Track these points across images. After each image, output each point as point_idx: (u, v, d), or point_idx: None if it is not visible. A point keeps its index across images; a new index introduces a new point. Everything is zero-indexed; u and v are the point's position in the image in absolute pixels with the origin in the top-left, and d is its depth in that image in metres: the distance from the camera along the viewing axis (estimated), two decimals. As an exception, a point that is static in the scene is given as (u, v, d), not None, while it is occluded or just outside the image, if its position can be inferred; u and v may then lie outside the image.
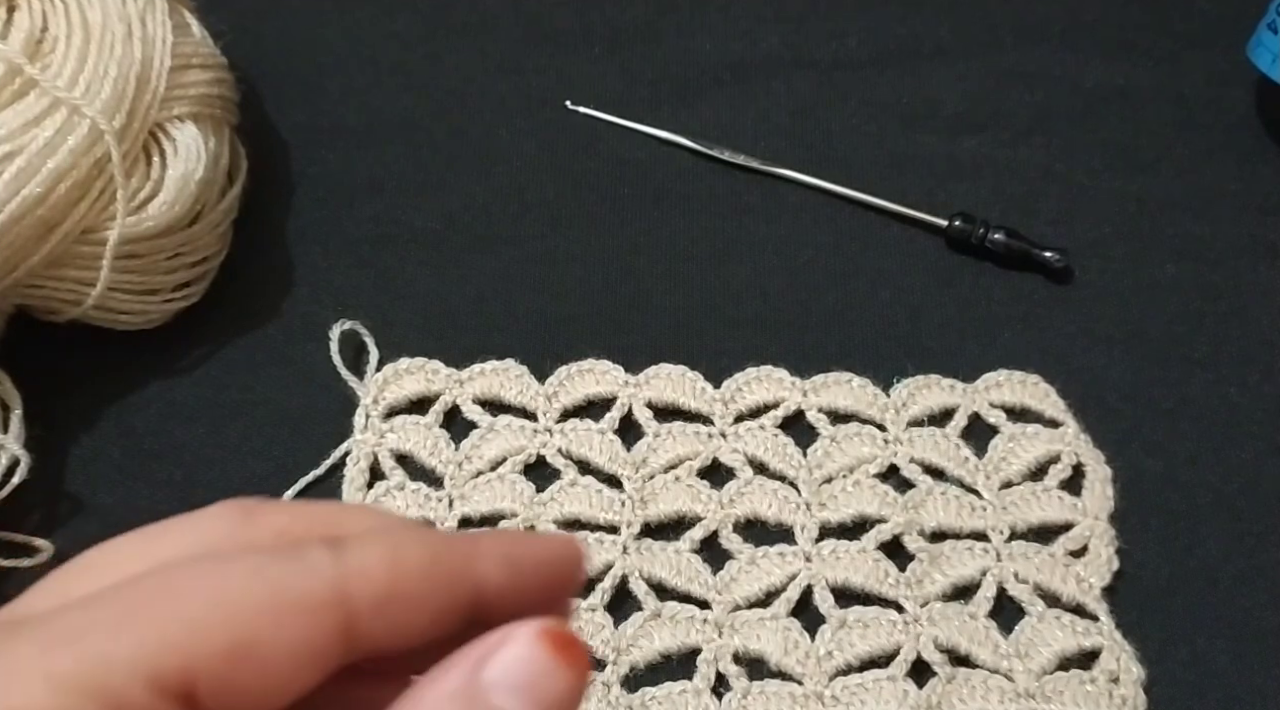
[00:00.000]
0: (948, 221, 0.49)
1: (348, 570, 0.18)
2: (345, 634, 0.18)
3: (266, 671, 0.17)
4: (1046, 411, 0.44)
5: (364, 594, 0.18)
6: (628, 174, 0.52)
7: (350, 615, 0.18)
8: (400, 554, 0.19)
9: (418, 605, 0.19)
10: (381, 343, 0.46)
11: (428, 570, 0.19)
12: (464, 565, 0.19)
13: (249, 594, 0.17)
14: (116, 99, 0.41)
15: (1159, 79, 0.54)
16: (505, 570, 0.20)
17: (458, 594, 0.19)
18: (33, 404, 0.41)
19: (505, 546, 0.20)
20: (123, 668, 0.16)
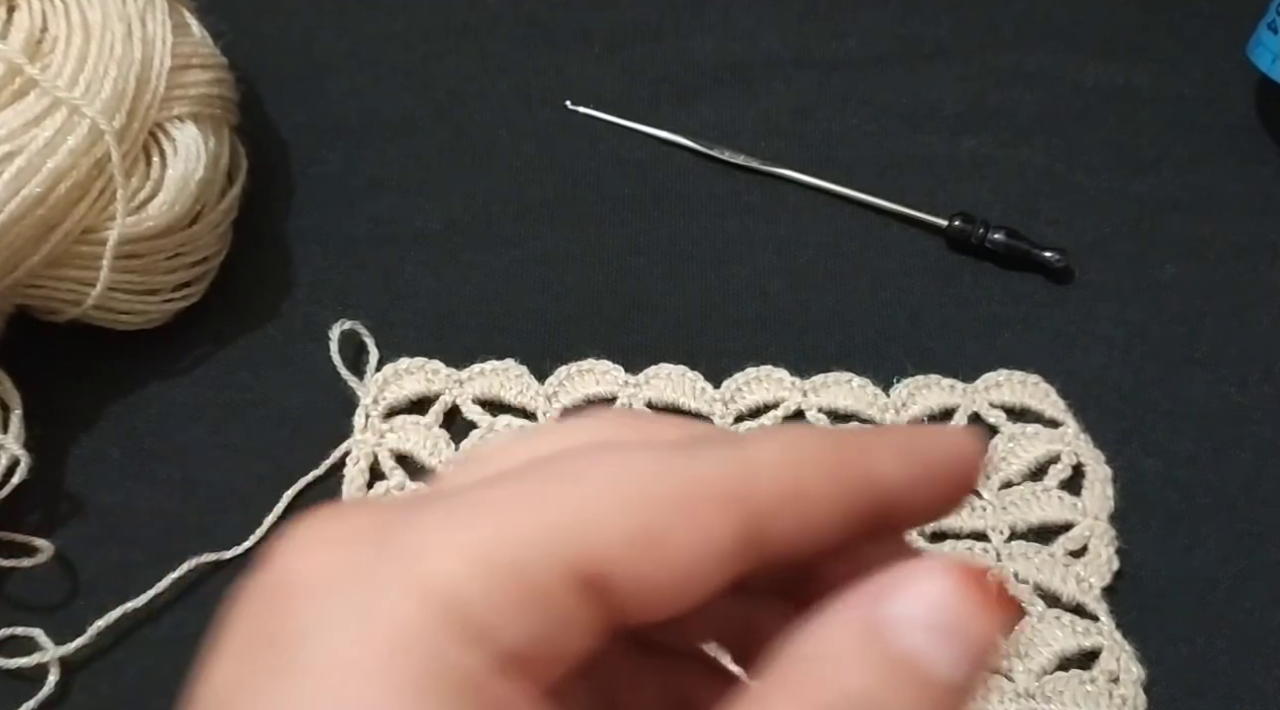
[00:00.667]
0: (948, 221, 0.49)
1: (751, 463, 0.17)
2: (749, 531, 0.17)
3: (674, 565, 0.16)
4: (1046, 411, 0.44)
5: (768, 488, 0.17)
6: (628, 174, 0.52)
7: (754, 512, 0.17)
8: (801, 446, 0.18)
9: (820, 501, 0.17)
10: (381, 343, 0.46)
11: (829, 462, 0.18)
12: (863, 458, 0.18)
13: (657, 482, 0.16)
14: (116, 99, 0.41)
15: (1159, 79, 0.54)
16: (904, 465, 0.18)
17: (858, 490, 0.18)
18: (33, 404, 0.41)
19: (903, 439, 0.18)
20: (537, 549, 0.15)
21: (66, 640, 0.39)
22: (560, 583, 0.15)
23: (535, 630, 0.15)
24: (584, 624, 0.16)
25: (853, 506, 0.18)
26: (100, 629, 0.39)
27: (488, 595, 0.15)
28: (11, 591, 0.41)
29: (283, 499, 0.42)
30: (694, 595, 0.17)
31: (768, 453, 0.17)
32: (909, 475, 0.18)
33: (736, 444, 0.18)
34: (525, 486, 0.16)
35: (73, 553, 0.42)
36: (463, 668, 0.14)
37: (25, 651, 0.39)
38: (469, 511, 0.16)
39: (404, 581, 0.15)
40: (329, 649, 0.14)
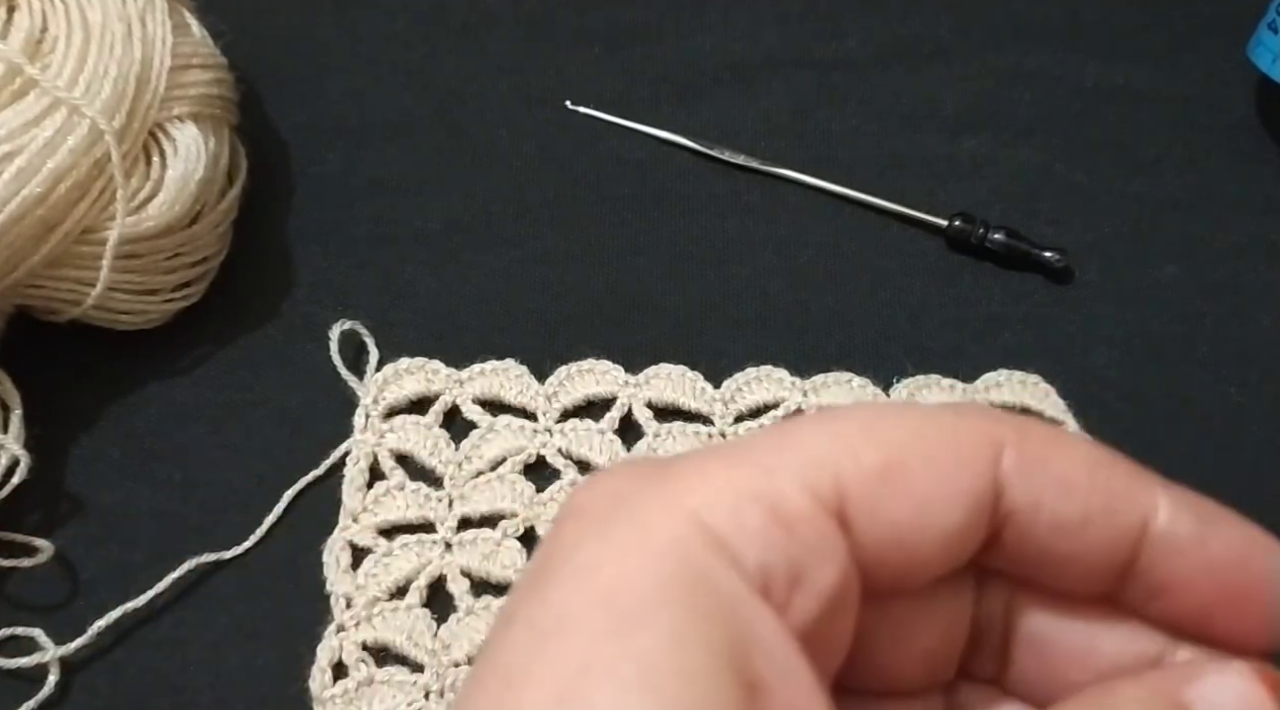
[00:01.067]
0: (948, 221, 0.49)
1: (1008, 425, 0.17)
2: (993, 488, 0.17)
3: (916, 497, 0.17)
4: (1046, 411, 0.44)
5: (1019, 452, 0.17)
6: (628, 174, 0.52)
7: (1003, 471, 0.17)
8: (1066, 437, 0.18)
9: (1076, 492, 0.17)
10: (381, 343, 0.46)
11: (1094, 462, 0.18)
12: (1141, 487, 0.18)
13: (903, 424, 0.17)
14: (116, 99, 0.41)
15: (1159, 79, 0.54)
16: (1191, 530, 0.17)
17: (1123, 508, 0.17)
18: (33, 404, 0.41)
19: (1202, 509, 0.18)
20: (784, 476, 0.17)
21: (66, 640, 0.39)
22: (806, 510, 0.16)
23: (780, 552, 0.16)
24: (829, 553, 0.17)
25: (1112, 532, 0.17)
26: (100, 629, 0.39)
27: (739, 518, 0.16)
28: (11, 591, 0.41)
29: (283, 499, 0.42)
30: (936, 543, 0.17)
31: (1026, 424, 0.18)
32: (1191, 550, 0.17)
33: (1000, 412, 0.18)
34: (781, 429, 0.18)
35: (73, 553, 0.42)
36: (714, 578, 0.16)
37: (25, 651, 0.39)
38: (729, 452, 0.17)
39: (669, 505, 0.16)
40: (600, 552, 0.16)
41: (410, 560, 0.41)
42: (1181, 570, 0.17)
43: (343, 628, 0.40)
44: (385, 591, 0.40)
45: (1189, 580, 0.17)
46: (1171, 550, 0.17)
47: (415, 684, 0.38)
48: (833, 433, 0.17)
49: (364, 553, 0.41)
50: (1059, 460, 0.17)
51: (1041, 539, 0.17)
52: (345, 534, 0.41)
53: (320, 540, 0.41)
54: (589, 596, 0.16)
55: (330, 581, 0.41)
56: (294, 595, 0.41)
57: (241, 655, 0.40)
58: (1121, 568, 0.17)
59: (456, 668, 0.39)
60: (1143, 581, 0.17)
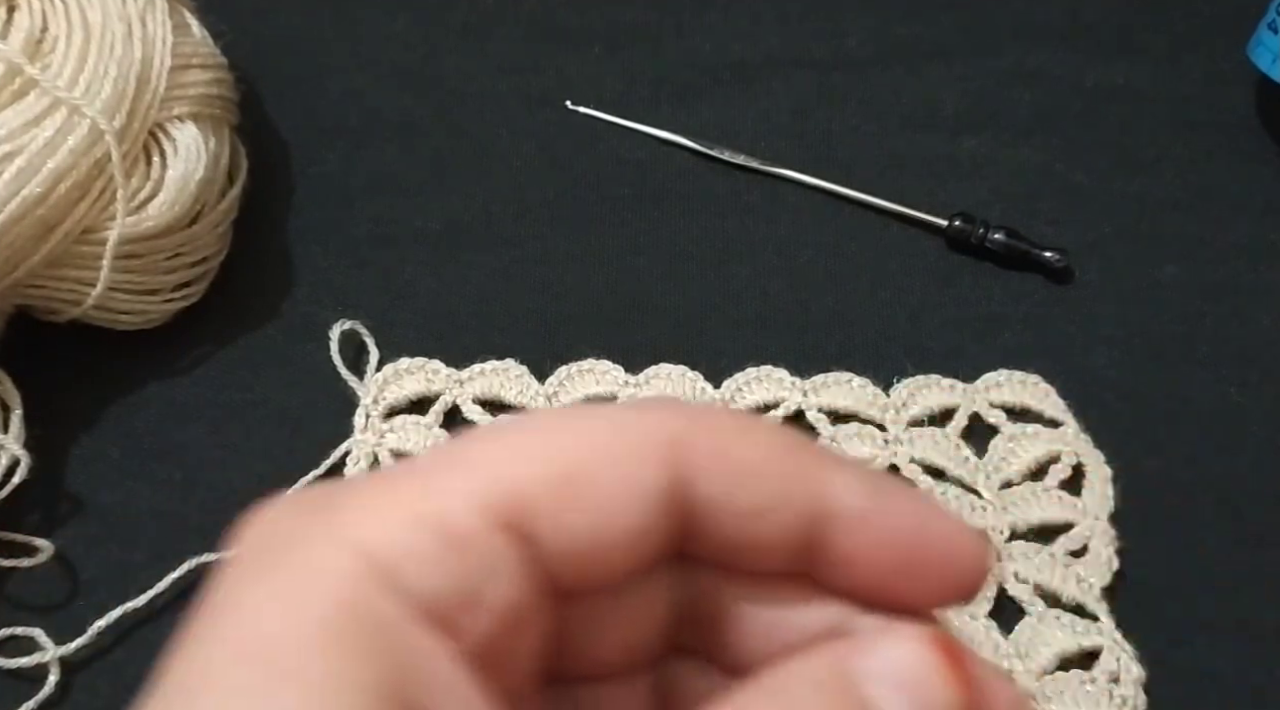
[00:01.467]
0: (948, 221, 0.49)
1: (688, 418, 0.17)
2: (677, 484, 0.17)
3: (596, 502, 0.17)
4: (1046, 411, 0.44)
5: (701, 445, 0.17)
6: (628, 174, 0.52)
7: (684, 464, 0.17)
8: (745, 423, 0.18)
9: (754, 480, 0.17)
10: (381, 343, 0.46)
11: (774, 449, 0.18)
12: (816, 468, 0.18)
13: (583, 432, 0.17)
14: (116, 99, 0.41)
15: (1159, 79, 0.54)
16: (864, 505, 0.18)
17: (802, 491, 0.17)
18: (33, 404, 0.41)
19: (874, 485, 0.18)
20: (454, 496, 0.16)
21: (66, 640, 0.39)
22: (479, 529, 0.16)
23: (452, 575, 0.16)
24: (505, 569, 0.16)
25: (790, 507, 0.17)
26: (100, 629, 0.39)
27: (408, 546, 0.16)
28: (11, 591, 0.41)
29: (283, 499, 0.42)
30: (622, 544, 0.17)
31: (711, 414, 0.18)
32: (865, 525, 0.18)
33: (683, 405, 0.18)
34: (453, 447, 0.17)
35: (73, 553, 0.42)
36: (377, 612, 0.15)
37: (25, 651, 0.39)
38: (397, 477, 0.17)
39: (331, 539, 0.16)
40: (254, 600, 0.15)
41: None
42: (859, 543, 0.18)
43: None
44: (385, 591, 0.40)
45: (866, 552, 0.18)
46: (849, 525, 0.18)
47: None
48: (507, 446, 0.17)
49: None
50: (739, 449, 0.17)
51: (727, 526, 0.18)
52: (345, 534, 0.41)
53: (320, 540, 0.41)
54: (237, 651, 0.15)
55: (330, 581, 0.40)
56: (294, 595, 0.41)
57: (241, 655, 0.40)
58: (805, 546, 0.18)
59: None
60: (827, 557, 0.18)
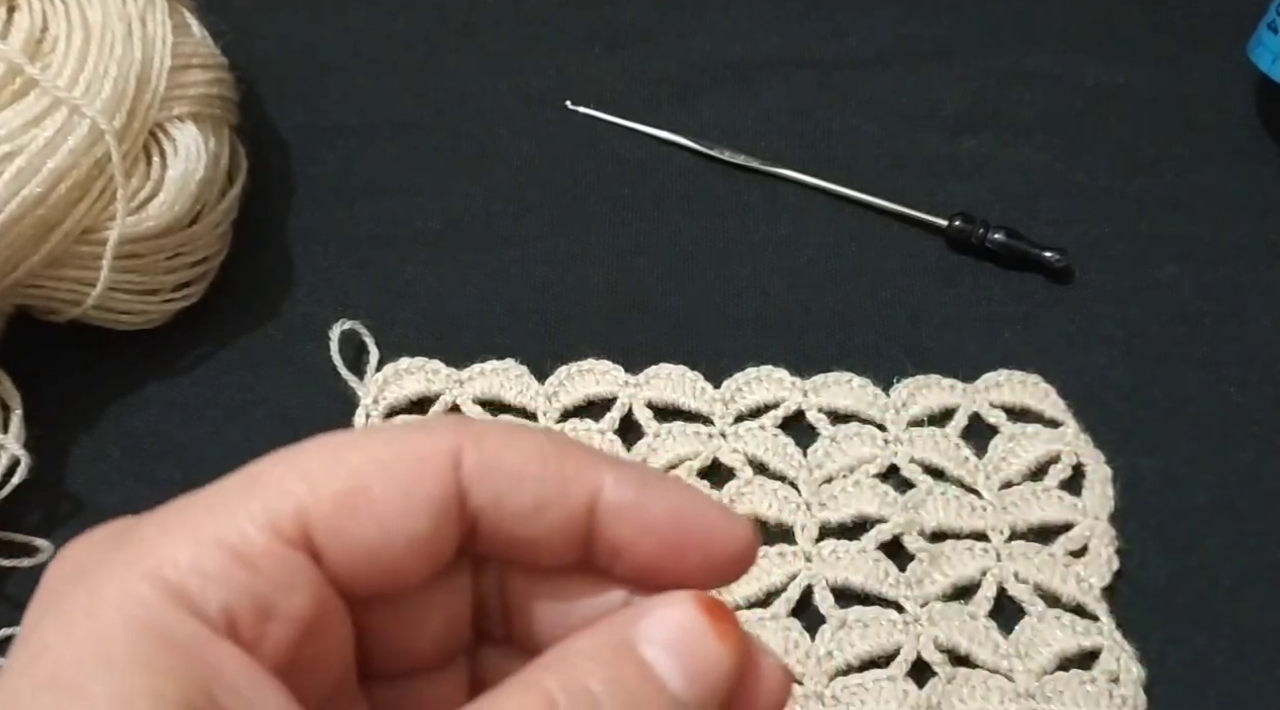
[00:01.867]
0: (948, 221, 0.49)
1: (464, 433, 0.19)
2: (455, 493, 0.18)
3: (377, 516, 0.18)
4: (1046, 411, 0.44)
5: (476, 456, 0.19)
6: (628, 174, 0.52)
7: (461, 476, 0.19)
8: (519, 433, 0.19)
9: (528, 482, 0.19)
10: (381, 343, 0.46)
11: (544, 453, 0.19)
12: (585, 467, 0.19)
13: (364, 449, 0.19)
14: (116, 99, 0.41)
15: (1159, 79, 0.54)
16: (630, 497, 0.19)
17: (573, 490, 0.19)
18: (33, 404, 0.41)
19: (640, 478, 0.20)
20: (245, 517, 0.18)
21: (66, 640, 0.39)
22: (269, 547, 0.17)
23: (244, 591, 0.17)
24: (297, 582, 0.18)
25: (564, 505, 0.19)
26: (100, 629, 0.39)
27: (199, 566, 0.17)
28: (11, 591, 0.41)
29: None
30: (409, 552, 0.18)
31: (486, 427, 0.19)
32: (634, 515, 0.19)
33: (462, 420, 0.20)
34: (246, 472, 0.19)
35: (73, 553, 0.42)
36: (172, 629, 0.16)
37: (25, 651, 0.39)
38: (191, 504, 0.18)
39: (127, 566, 0.17)
40: (52, 630, 0.16)
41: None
42: (629, 532, 0.19)
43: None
44: (385, 591, 0.40)
45: (634, 539, 0.19)
46: (618, 517, 0.19)
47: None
48: (294, 468, 0.19)
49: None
50: (512, 456, 0.19)
51: (508, 527, 0.19)
52: (345, 534, 0.41)
53: (320, 540, 0.41)
54: (36, 680, 0.16)
55: (330, 581, 0.41)
56: (294, 595, 0.41)
57: (241, 655, 0.40)
58: (582, 539, 0.19)
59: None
60: (603, 547, 0.19)
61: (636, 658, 0.18)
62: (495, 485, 0.19)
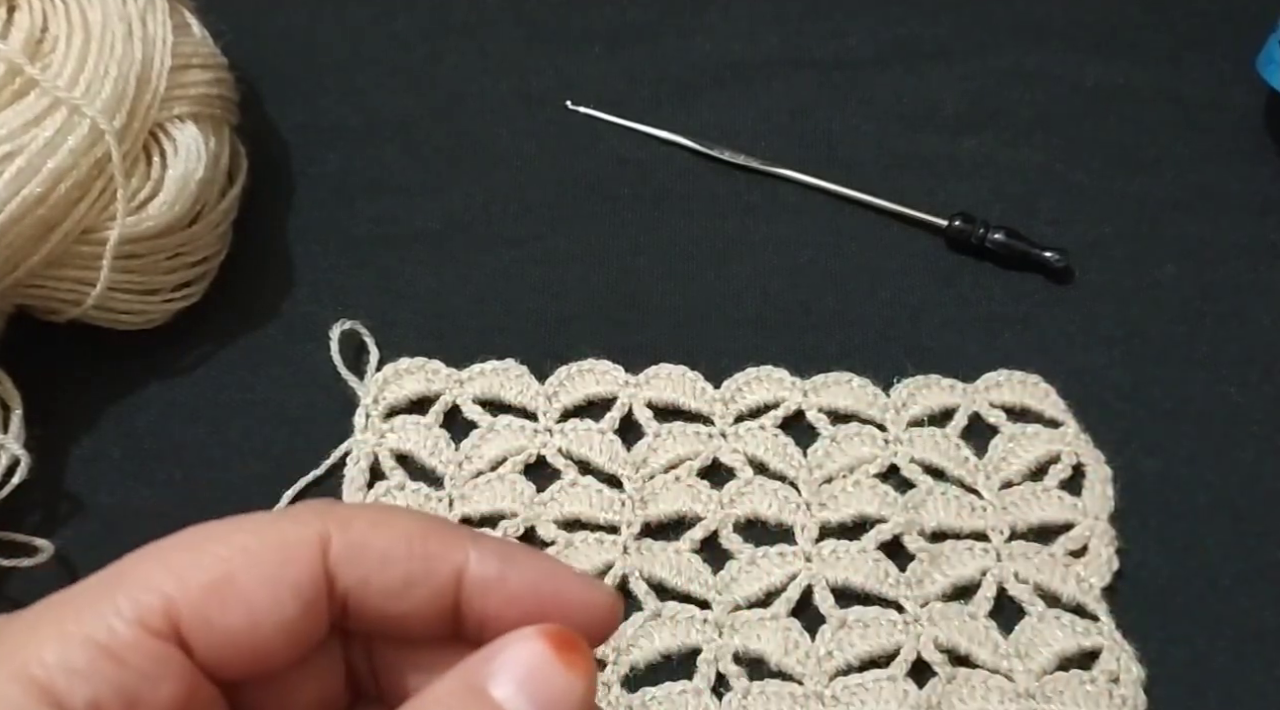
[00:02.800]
0: (948, 221, 0.49)
1: (330, 518, 0.20)
2: (323, 578, 0.19)
3: (244, 604, 0.19)
4: (1046, 411, 0.44)
5: (342, 540, 0.20)
6: (628, 174, 0.52)
7: (328, 560, 0.19)
8: (385, 515, 0.20)
9: (395, 563, 0.20)
10: (381, 343, 0.46)
11: (410, 533, 0.20)
12: (452, 541, 0.20)
13: (229, 540, 0.19)
14: (116, 99, 0.41)
15: (1159, 79, 0.54)
16: (494, 572, 0.20)
17: (439, 568, 0.20)
18: (33, 404, 0.41)
19: (504, 553, 0.20)
20: (110, 613, 0.18)
21: (66, 640, 0.39)
22: (135, 639, 0.18)
23: (110, 684, 0.18)
24: (165, 671, 0.18)
25: (431, 580, 0.20)
26: (100, 629, 0.39)
27: (65, 663, 0.18)
28: (11, 591, 0.41)
29: (283, 499, 0.42)
30: (278, 636, 0.19)
31: (351, 513, 0.20)
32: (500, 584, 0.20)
33: (329, 507, 0.20)
34: (115, 568, 0.20)
35: (73, 553, 0.42)
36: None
37: (25, 651, 0.39)
38: (61, 603, 0.19)
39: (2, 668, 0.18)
40: None
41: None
42: (494, 605, 0.20)
43: (343, 628, 0.40)
44: (385, 591, 0.40)
45: (500, 612, 0.20)
46: (483, 591, 0.20)
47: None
48: (160, 562, 0.19)
49: (364, 553, 0.41)
50: (379, 539, 0.20)
51: (378, 605, 0.20)
52: (345, 534, 0.41)
53: (320, 540, 0.41)
54: None
55: (330, 581, 0.41)
56: (294, 595, 0.41)
57: (241, 655, 0.40)
58: (450, 613, 0.20)
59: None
60: (471, 619, 0.21)
61: (488, 700, 0.18)
62: (362, 567, 0.20)
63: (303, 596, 0.19)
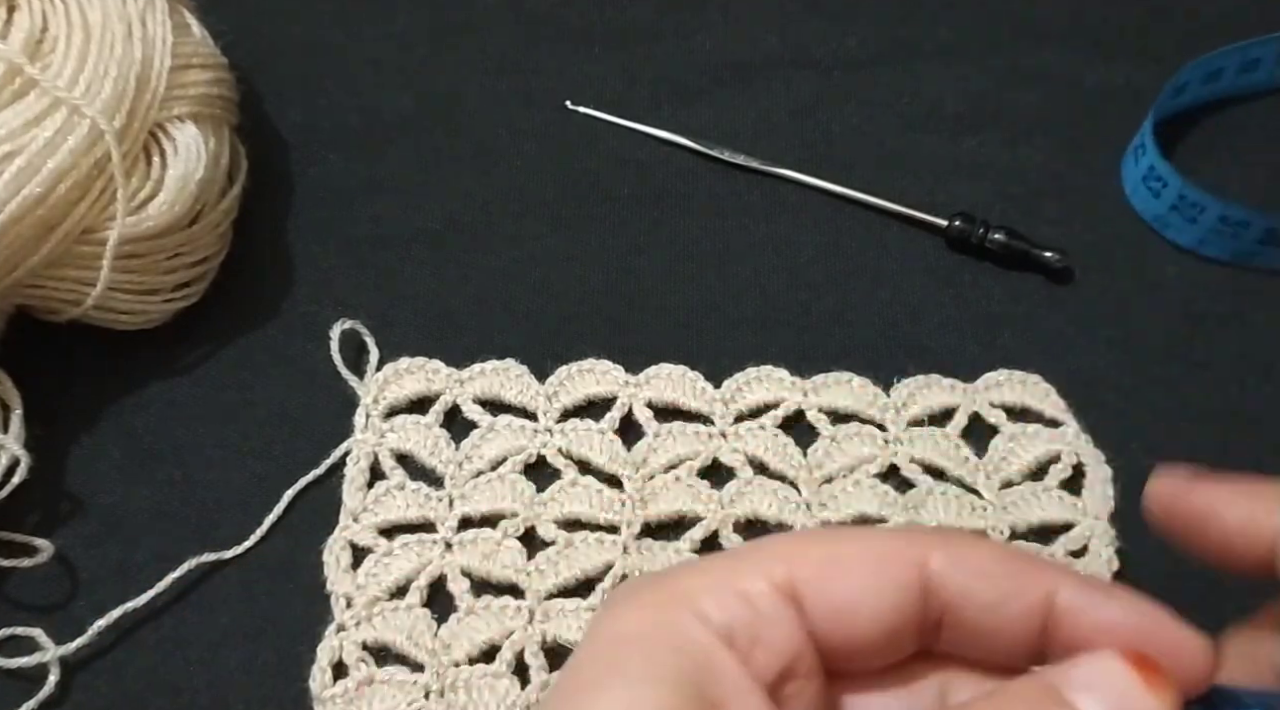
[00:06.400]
0: (948, 221, 0.49)
1: (930, 537, 0.23)
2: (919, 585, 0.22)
3: (852, 584, 0.22)
4: (1046, 411, 0.44)
5: (942, 555, 0.22)
6: (628, 174, 0.52)
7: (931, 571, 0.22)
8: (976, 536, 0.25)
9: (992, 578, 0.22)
10: (381, 343, 0.46)
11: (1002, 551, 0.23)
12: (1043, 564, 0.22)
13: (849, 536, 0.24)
14: (116, 99, 0.41)
15: (1159, 79, 0.54)
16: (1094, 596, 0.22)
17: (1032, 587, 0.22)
18: (33, 404, 0.41)
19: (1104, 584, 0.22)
20: (749, 567, 0.23)
21: (66, 640, 0.39)
22: (764, 590, 0.22)
23: (742, 618, 0.22)
24: (781, 621, 0.22)
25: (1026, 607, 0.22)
26: (100, 629, 0.39)
27: (712, 595, 0.22)
28: (11, 591, 0.41)
29: (283, 499, 0.42)
30: (872, 621, 0.22)
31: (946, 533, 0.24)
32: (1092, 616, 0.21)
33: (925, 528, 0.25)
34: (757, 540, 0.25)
35: (73, 553, 0.42)
36: (688, 630, 0.22)
37: (25, 651, 0.39)
38: (715, 557, 0.25)
39: (665, 589, 0.23)
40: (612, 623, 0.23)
41: (410, 560, 0.41)
42: (1084, 629, 0.22)
43: (343, 627, 0.40)
44: (385, 591, 0.40)
45: (1091, 637, 0.21)
46: (1076, 613, 0.22)
47: (415, 684, 0.39)
48: (792, 540, 0.24)
49: (364, 552, 0.41)
50: (976, 557, 0.22)
51: (973, 617, 0.22)
52: (345, 534, 0.41)
53: (320, 540, 0.41)
54: (601, 647, 0.22)
55: (330, 581, 0.41)
56: (294, 595, 0.41)
57: (241, 655, 0.40)
58: (1036, 635, 0.22)
59: (456, 667, 0.39)
60: (1058, 643, 0.22)
61: (1062, 700, 0.20)
62: (964, 579, 0.22)
63: (900, 592, 0.22)
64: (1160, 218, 0.49)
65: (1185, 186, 0.47)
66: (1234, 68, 0.52)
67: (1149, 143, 0.49)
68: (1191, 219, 0.48)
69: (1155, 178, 0.48)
